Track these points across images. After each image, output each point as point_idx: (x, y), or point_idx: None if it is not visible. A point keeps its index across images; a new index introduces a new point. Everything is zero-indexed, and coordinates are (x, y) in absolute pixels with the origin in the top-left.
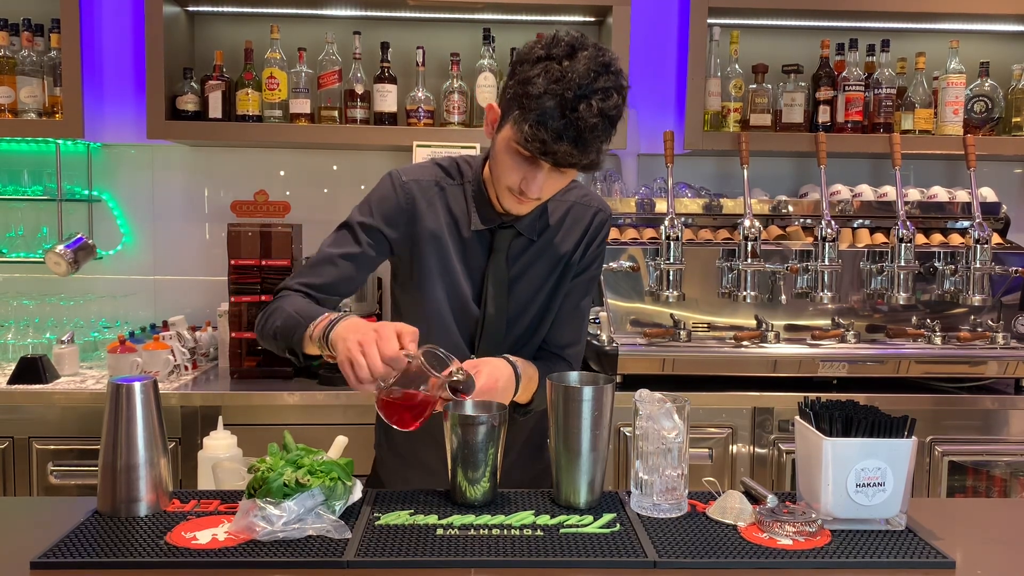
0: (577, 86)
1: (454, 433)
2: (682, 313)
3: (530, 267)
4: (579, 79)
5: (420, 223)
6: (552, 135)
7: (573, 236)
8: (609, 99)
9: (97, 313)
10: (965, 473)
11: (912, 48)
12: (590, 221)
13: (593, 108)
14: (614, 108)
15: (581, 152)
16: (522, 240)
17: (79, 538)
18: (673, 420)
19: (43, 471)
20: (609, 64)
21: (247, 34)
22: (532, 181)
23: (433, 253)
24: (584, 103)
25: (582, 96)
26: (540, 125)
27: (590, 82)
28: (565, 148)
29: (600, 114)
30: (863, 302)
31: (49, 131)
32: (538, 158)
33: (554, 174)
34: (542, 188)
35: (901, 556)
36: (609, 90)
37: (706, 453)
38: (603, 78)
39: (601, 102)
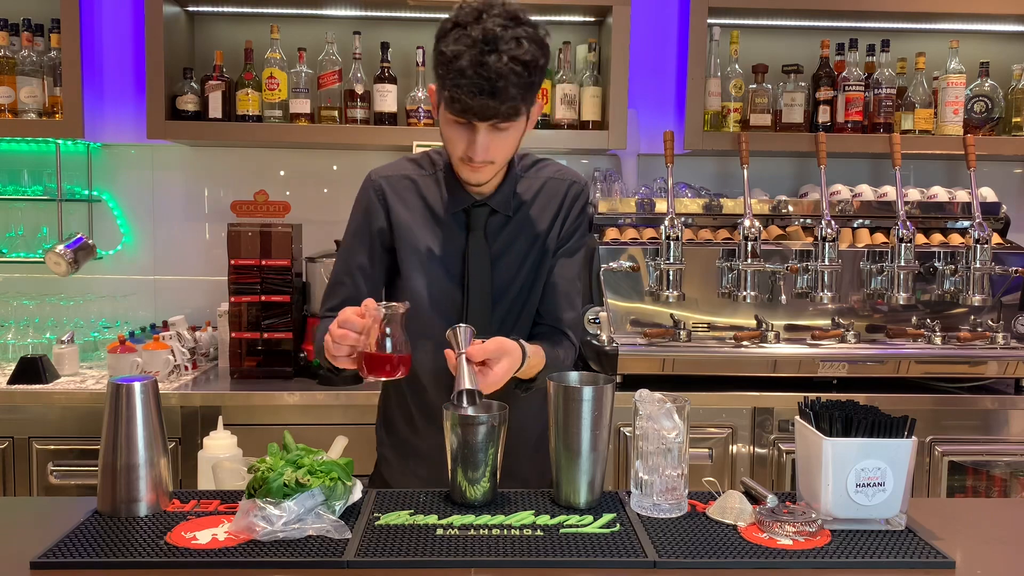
0: (484, 41)
1: (454, 433)
2: (682, 313)
3: (510, 244)
4: (485, 34)
5: (394, 215)
6: (468, 92)
7: (550, 211)
8: (520, 47)
9: (97, 313)
10: (965, 473)
11: (912, 48)
12: (565, 193)
13: (503, 58)
14: (526, 54)
15: (498, 101)
16: (499, 217)
17: (79, 538)
18: (673, 420)
19: (43, 471)
20: (517, 16)
21: (247, 34)
22: (474, 144)
23: (410, 242)
24: (493, 55)
25: (490, 49)
26: (456, 87)
27: (497, 35)
28: (481, 101)
29: (511, 61)
30: (863, 302)
31: (49, 131)
32: (466, 118)
33: (494, 133)
34: (487, 149)
35: (901, 556)
36: (519, 39)
37: (706, 453)
38: (512, 30)
39: (511, 51)
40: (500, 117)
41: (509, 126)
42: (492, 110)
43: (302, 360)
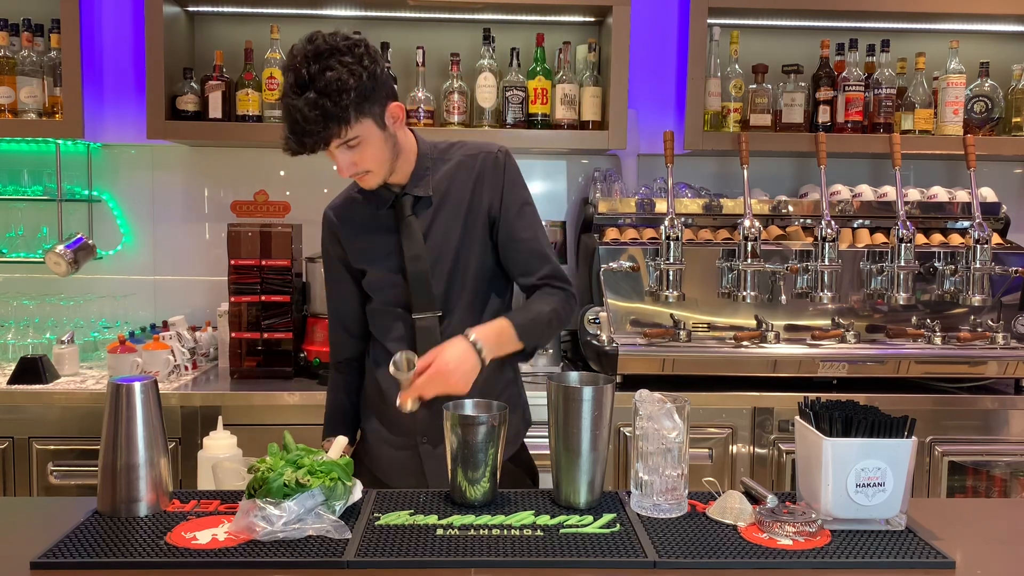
0: (291, 89)
1: (454, 433)
2: (682, 313)
3: (439, 222)
4: (292, 81)
5: (343, 237)
6: (293, 136)
7: (467, 184)
8: (325, 75)
9: (97, 313)
10: (965, 473)
11: (912, 48)
12: (478, 166)
13: (308, 100)
14: (333, 83)
15: (309, 138)
16: (424, 201)
17: (79, 538)
18: (673, 420)
19: (43, 471)
20: (321, 50)
21: (247, 34)
22: (339, 167)
23: (359, 250)
24: (299, 100)
25: (295, 95)
26: (287, 136)
27: (303, 78)
28: (296, 141)
29: (318, 95)
30: (863, 302)
31: (49, 131)
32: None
33: (347, 151)
34: (353, 164)
35: (901, 556)
36: (326, 69)
37: (706, 453)
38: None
39: (319, 83)
40: (321, 147)
41: (357, 142)
42: (307, 147)
43: (302, 360)
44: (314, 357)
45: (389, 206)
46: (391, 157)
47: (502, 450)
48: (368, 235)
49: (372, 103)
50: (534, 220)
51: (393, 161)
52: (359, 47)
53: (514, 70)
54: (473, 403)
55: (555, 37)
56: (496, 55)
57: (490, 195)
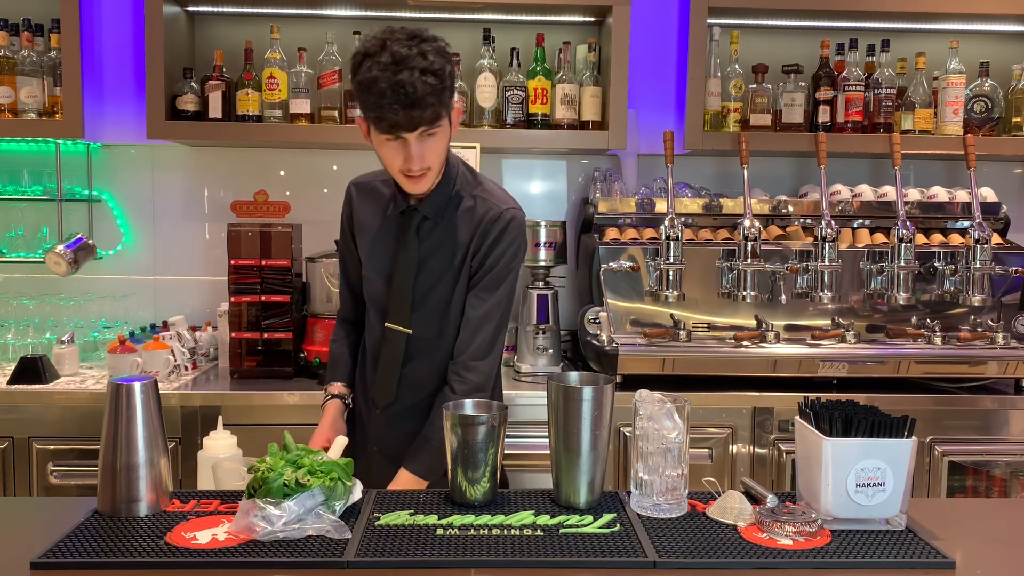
0: (394, 62)
1: (454, 433)
2: (682, 313)
3: (436, 249)
4: (394, 57)
5: (356, 216)
6: (391, 109)
7: (469, 225)
8: (427, 60)
9: (97, 313)
10: (965, 473)
11: (912, 48)
12: (483, 214)
13: (414, 73)
14: (434, 64)
15: (419, 110)
16: (429, 223)
17: (79, 538)
18: (673, 420)
19: (43, 471)
20: (418, 34)
21: (247, 34)
22: (410, 156)
23: (365, 240)
24: (405, 72)
25: (401, 68)
26: (380, 107)
27: (404, 54)
28: (405, 114)
29: (422, 74)
30: (863, 302)
31: (49, 131)
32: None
33: (424, 140)
34: (422, 157)
35: (901, 556)
36: (426, 52)
37: (706, 453)
38: (416, 47)
39: (420, 65)
40: (425, 123)
41: (436, 132)
42: (417, 120)
43: (302, 360)
44: (314, 357)
45: (400, 212)
46: (444, 160)
47: (502, 450)
48: (373, 229)
49: (450, 96)
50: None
51: (443, 165)
52: (440, 40)
53: (514, 70)
54: (473, 403)
55: (555, 37)
56: (496, 55)
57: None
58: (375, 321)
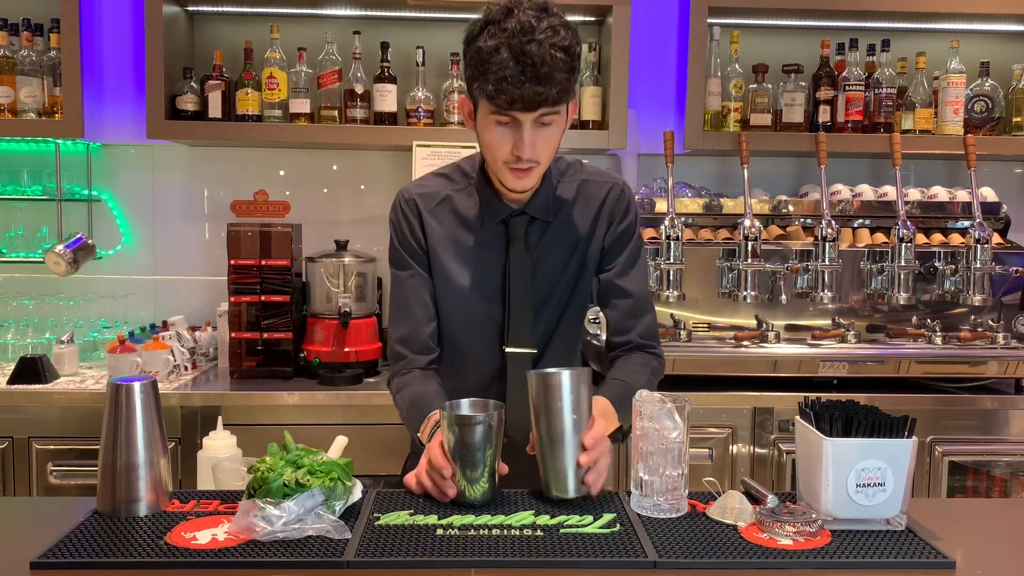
0: (521, 32)
1: (451, 432)
2: (682, 313)
3: (550, 250)
4: (522, 26)
5: (430, 234)
6: (514, 81)
7: (589, 212)
8: (557, 34)
9: (97, 313)
10: (965, 473)
11: (912, 48)
12: (605, 195)
13: (544, 44)
14: (564, 39)
15: (546, 86)
16: (538, 225)
17: (79, 538)
18: (674, 420)
19: (43, 471)
20: (547, 7)
21: (247, 34)
22: (521, 142)
23: (447, 260)
24: (532, 43)
25: (529, 39)
26: (501, 79)
27: (533, 24)
28: (530, 88)
29: (552, 48)
30: (863, 302)
31: (49, 131)
32: (511, 111)
33: (538, 128)
34: (534, 146)
35: (901, 556)
36: (556, 27)
37: (706, 453)
38: (545, 20)
39: (550, 37)
40: (549, 103)
41: (553, 120)
42: (541, 96)
43: (302, 360)
44: (314, 357)
45: (501, 221)
46: (552, 158)
47: (499, 450)
48: (465, 248)
49: (576, 78)
50: (643, 268)
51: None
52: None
53: None
54: (469, 403)
55: None
56: None
57: (607, 232)
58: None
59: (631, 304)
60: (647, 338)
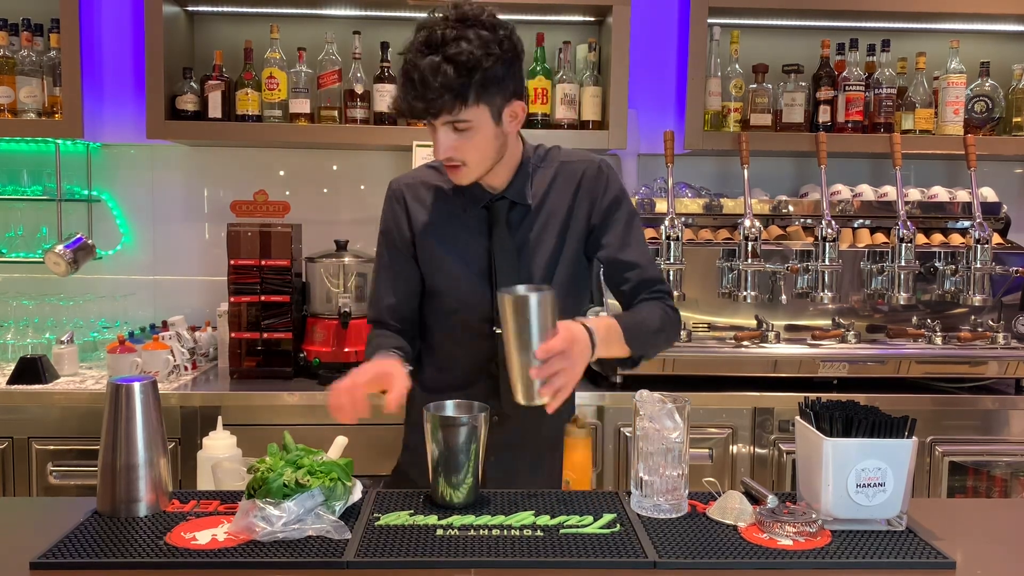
0: (426, 44)
1: (434, 437)
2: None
3: (532, 233)
4: (429, 38)
5: (413, 219)
6: (404, 95)
7: (567, 194)
8: (457, 47)
9: (97, 313)
10: (965, 473)
11: (912, 48)
12: (581, 174)
13: (436, 59)
14: (461, 54)
15: (424, 101)
16: (519, 209)
17: (79, 538)
18: (674, 420)
19: (43, 471)
20: (470, 17)
21: (247, 34)
22: (437, 144)
23: (435, 245)
24: (428, 57)
25: (429, 52)
26: (398, 93)
27: (440, 38)
28: (409, 102)
29: (444, 61)
30: (863, 302)
31: (49, 131)
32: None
33: (452, 133)
34: (449, 149)
35: (901, 556)
36: (461, 40)
37: (706, 453)
38: (458, 31)
39: (447, 51)
40: (434, 116)
41: (466, 127)
42: (421, 111)
43: (302, 360)
44: (314, 357)
45: (482, 206)
46: (494, 157)
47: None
48: (450, 234)
49: (496, 93)
50: (641, 237)
51: (495, 162)
52: (504, 30)
53: None
54: (454, 404)
55: (555, 37)
56: None
57: (589, 206)
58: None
59: (639, 274)
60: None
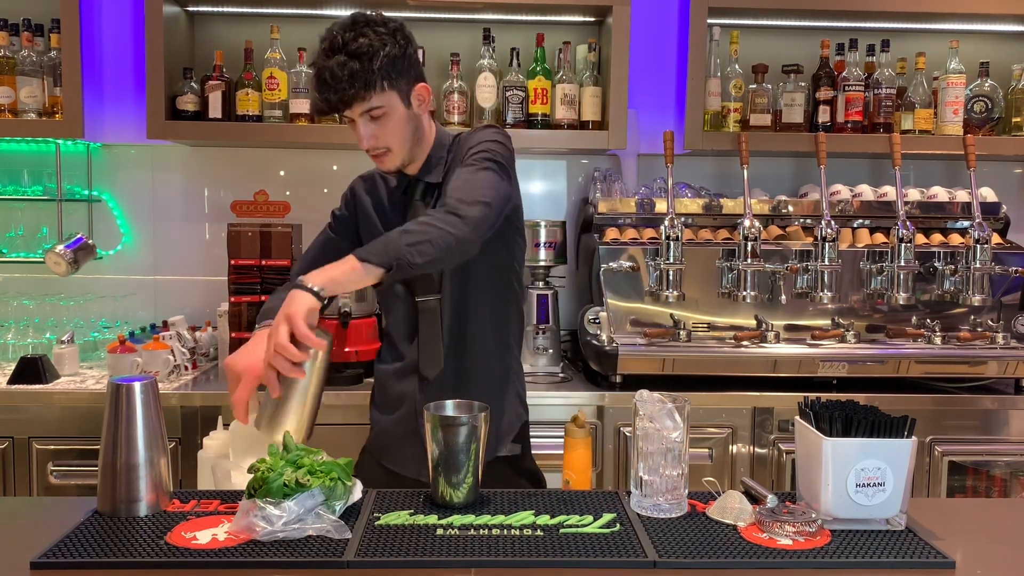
0: (329, 48)
1: (435, 436)
2: (682, 313)
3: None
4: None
5: (359, 206)
6: (320, 94)
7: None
8: (355, 43)
9: (97, 313)
10: (965, 473)
11: (912, 48)
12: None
13: (340, 57)
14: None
15: (335, 93)
16: (435, 189)
17: (79, 538)
18: (674, 420)
19: (43, 471)
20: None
21: (247, 34)
22: (359, 136)
23: (371, 227)
24: (335, 55)
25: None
26: (313, 95)
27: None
28: (323, 97)
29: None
30: (863, 302)
31: (49, 131)
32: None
33: (369, 122)
34: (371, 137)
35: (901, 556)
36: (360, 35)
37: (706, 453)
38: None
39: (347, 48)
40: (347, 105)
41: (381, 113)
42: (335, 103)
43: None
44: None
45: (403, 191)
46: (412, 139)
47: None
48: (381, 216)
49: (400, 77)
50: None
51: (414, 145)
52: (393, 23)
53: (514, 70)
54: (454, 404)
55: (555, 37)
56: (496, 55)
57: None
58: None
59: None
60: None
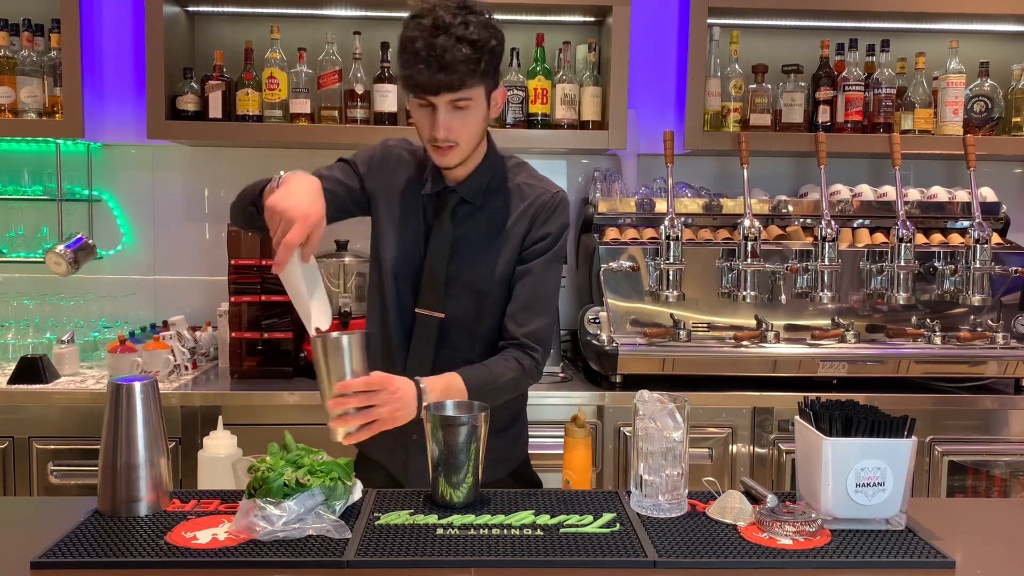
0: (434, 26)
1: (435, 436)
2: (682, 313)
3: (473, 232)
4: (436, 21)
5: (383, 177)
6: (420, 70)
7: (516, 209)
8: (467, 29)
9: (97, 313)
10: (965, 473)
11: (912, 48)
12: (534, 199)
13: (451, 38)
14: (473, 34)
15: (447, 75)
16: (468, 207)
17: (79, 538)
18: (675, 420)
19: (43, 471)
20: (467, 5)
21: (247, 34)
22: (435, 124)
23: (389, 210)
24: (442, 36)
25: (440, 32)
26: (409, 65)
27: (447, 21)
28: (431, 76)
29: (459, 41)
30: (863, 302)
31: (49, 131)
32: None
33: (453, 112)
34: (448, 128)
35: (901, 556)
36: (467, 23)
37: (706, 453)
38: (461, 16)
39: (458, 32)
40: (451, 90)
41: (467, 105)
42: (443, 84)
43: (302, 360)
44: None
45: (434, 193)
46: (478, 140)
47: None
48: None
49: (492, 74)
50: (554, 277)
51: (476, 147)
52: (491, 16)
53: (514, 70)
54: (454, 404)
55: (555, 37)
56: None
57: (529, 231)
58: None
59: (528, 297)
60: (533, 341)
